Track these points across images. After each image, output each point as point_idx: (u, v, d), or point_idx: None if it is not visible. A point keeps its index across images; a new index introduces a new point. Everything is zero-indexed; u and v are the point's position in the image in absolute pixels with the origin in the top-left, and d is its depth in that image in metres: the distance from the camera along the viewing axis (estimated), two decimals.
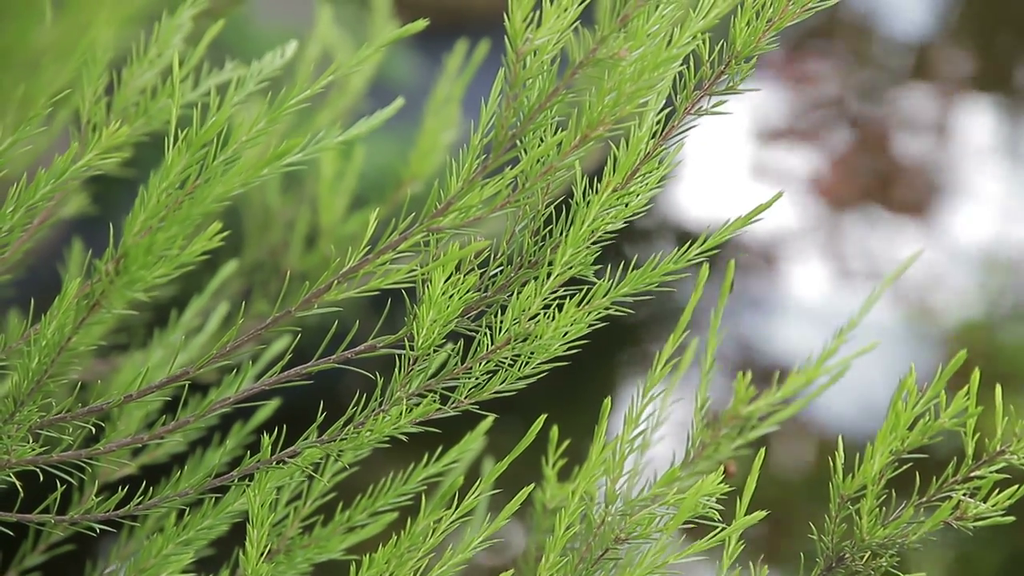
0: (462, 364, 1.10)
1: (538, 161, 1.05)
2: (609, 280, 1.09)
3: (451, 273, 1.06)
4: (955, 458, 1.14)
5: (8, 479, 1.10)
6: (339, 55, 1.89)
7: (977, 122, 4.27)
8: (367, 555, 1.12)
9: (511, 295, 1.09)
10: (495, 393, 1.10)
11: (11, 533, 1.15)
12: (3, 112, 0.81)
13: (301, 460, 1.10)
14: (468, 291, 1.07)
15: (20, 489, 1.10)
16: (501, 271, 1.10)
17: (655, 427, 1.29)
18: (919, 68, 4.50)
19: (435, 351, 1.09)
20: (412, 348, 1.08)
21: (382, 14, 1.87)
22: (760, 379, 1.28)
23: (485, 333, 1.09)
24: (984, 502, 1.13)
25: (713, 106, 1.11)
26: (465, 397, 1.10)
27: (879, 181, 4.11)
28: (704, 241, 1.09)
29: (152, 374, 1.10)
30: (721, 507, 1.09)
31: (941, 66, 4.49)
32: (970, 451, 1.13)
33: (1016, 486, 1.13)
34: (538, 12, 1.01)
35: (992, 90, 4.42)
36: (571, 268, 1.08)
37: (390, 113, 1.22)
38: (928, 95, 4.36)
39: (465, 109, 1.72)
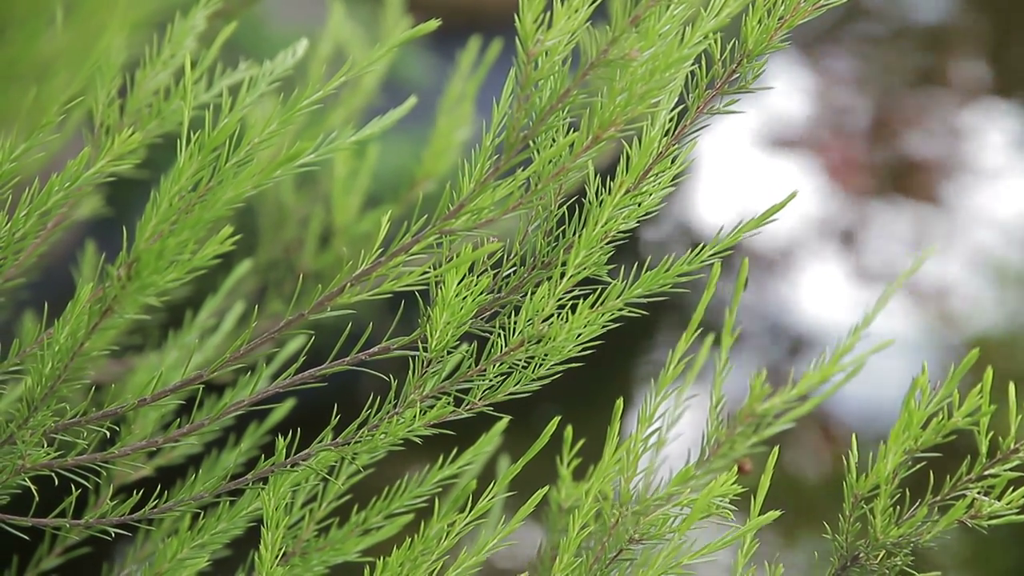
0: (476, 366, 1.10)
1: (550, 162, 1.05)
2: (623, 281, 1.09)
3: (464, 275, 1.05)
4: (969, 456, 1.13)
5: (23, 483, 1.10)
6: (352, 54, 1.89)
7: (996, 123, 4.25)
8: (382, 557, 1.12)
9: (525, 296, 1.09)
10: (509, 395, 1.10)
11: (27, 537, 1.15)
12: (12, 121, 0.80)
13: (316, 463, 1.10)
14: (481, 293, 1.07)
15: (35, 493, 1.10)
16: (514, 272, 1.10)
17: (671, 425, 1.29)
18: (936, 64, 4.49)
19: (449, 353, 1.09)
20: (426, 350, 1.08)
21: (395, 13, 1.86)
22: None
23: (499, 335, 1.09)
24: (998, 500, 1.12)
25: (725, 105, 1.10)
26: (479, 399, 1.10)
27: (896, 180, 4.10)
28: (717, 242, 1.09)
29: (167, 376, 1.10)
30: (735, 508, 1.08)
31: (958, 63, 4.47)
32: (984, 449, 1.12)
33: None
34: (549, 13, 1.01)
35: (1011, 92, 4.39)
36: (585, 269, 1.08)
37: (403, 112, 1.22)
38: (946, 93, 4.35)
39: (479, 108, 1.71)
